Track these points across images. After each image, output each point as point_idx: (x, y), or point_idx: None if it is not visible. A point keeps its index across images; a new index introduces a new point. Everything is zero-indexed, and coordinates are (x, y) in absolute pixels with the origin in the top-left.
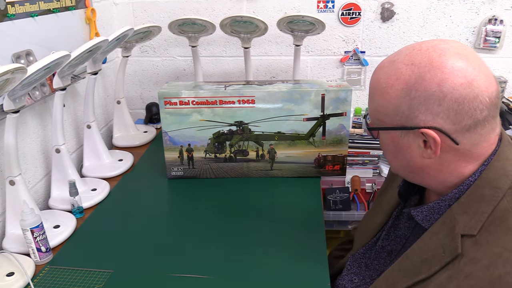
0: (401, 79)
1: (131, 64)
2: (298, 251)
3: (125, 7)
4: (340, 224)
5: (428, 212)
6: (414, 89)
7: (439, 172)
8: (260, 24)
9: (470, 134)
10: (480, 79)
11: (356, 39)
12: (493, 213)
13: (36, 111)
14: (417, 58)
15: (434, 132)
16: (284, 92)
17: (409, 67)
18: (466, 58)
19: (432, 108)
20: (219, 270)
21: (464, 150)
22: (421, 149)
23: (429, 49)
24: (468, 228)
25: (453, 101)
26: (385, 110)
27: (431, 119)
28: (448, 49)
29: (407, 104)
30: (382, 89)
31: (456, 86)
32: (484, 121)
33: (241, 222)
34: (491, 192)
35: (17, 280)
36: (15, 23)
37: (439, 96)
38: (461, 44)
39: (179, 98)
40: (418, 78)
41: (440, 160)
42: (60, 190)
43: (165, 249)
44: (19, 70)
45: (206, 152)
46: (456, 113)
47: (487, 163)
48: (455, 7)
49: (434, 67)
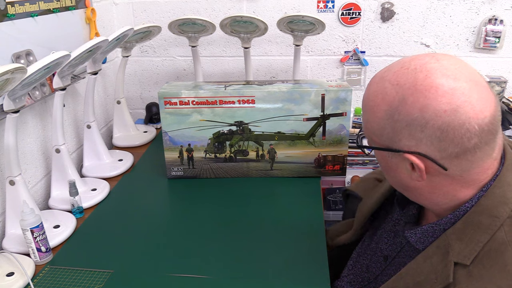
0: (386, 99)
1: (131, 64)
2: (298, 251)
3: (125, 7)
4: None
5: (422, 234)
6: (397, 112)
7: (432, 194)
8: (260, 24)
9: (459, 161)
10: (468, 105)
11: (356, 39)
12: (489, 243)
13: (36, 111)
14: (403, 78)
15: (417, 158)
16: (284, 92)
17: (394, 87)
18: (456, 79)
19: (414, 134)
20: (219, 270)
21: (455, 175)
22: (409, 171)
23: (416, 69)
24: (462, 256)
25: (435, 128)
26: (372, 129)
27: (414, 145)
28: (436, 70)
29: (391, 126)
30: (369, 107)
31: (439, 113)
32: (474, 149)
33: (241, 222)
34: (488, 221)
35: (17, 280)
36: (15, 23)
37: (421, 122)
38: (455, 61)
39: (179, 98)
40: (401, 100)
41: (431, 183)
42: (60, 190)
43: (165, 249)
44: (19, 70)
45: (206, 152)
46: (440, 140)
47: (486, 189)
48: (455, 7)
49: (417, 90)
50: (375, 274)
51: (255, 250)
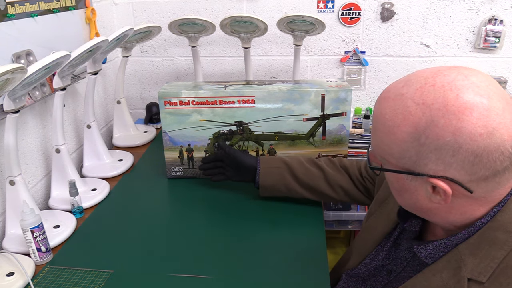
0: (409, 120)
1: (131, 64)
2: (298, 251)
3: (125, 7)
4: (340, 224)
5: (433, 250)
6: (424, 135)
7: (448, 214)
8: (260, 24)
9: (486, 184)
10: (503, 127)
11: (356, 39)
12: (505, 260)
13: (36, 111)
14: (430, 97)
15: (445, 183)
16: (284, 92)
17: (419, 107)
18: (489, 99)
19: (444, 158)
20: (219, 270)
21: (478, 197)
22: (429, 193)
23: (444, 87)
24: (476, 273)
25: (469, 153)
26: (390, 151)
27: (442, 169)
28: (468, 88)
29: (416, 150)
30: (387, 127)
31: (474, 137)
32: (503, 171)
33: (241, 222)
34: (504, 236)
35: (17, 280)
36: (15, 23)
37: (453, 147)
38: (484, 77)
39: (179, 98)
40: (430, 123)
41: (451, 204)
42: (60, 190)
43: (165, 249)
44: (19, 70)
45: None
46: (473, 165)
47: (502, 204)
48: (455, 7)
49: (449, 112)
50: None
51: (255, 250)
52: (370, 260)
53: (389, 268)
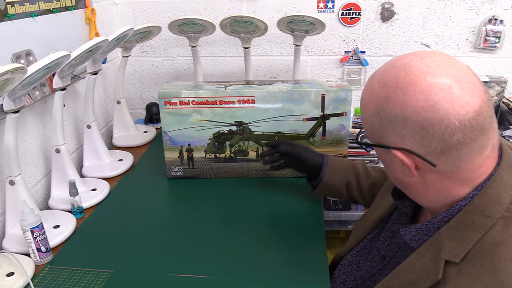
0: (373, 97)
1: (131, 64)
2: (298, 251)
3: (125, 7)
4: (340, 224)
5: (416, 232)
6: (382, 110)
7: (426, 191)
8: (260, 24)
9: (445, 157)
10: (446, 101)
11: (356, 39)
12: (480, 242)
13: (36, 111)
14: (388, 77)
15: (403, 154)
16: (284, 92)
17: (380, 85)
18: (435, 76)
19: (398, 130)
20: (219, 270)
21: (446, 172)
22: (401, 167)
23: (400, 67)
24: (453, 254)
25: (416, 125)
26: (366, 126)
27: (399, 141)
28: (417, 67)
29: (378, 124)
30: (362, 106)
31: (417, 109)
32: (458, 145)
33: (241, 222)
34: (480, 220)
35: (17, 280)
36: (15, 23)
37: (402, 119)
38: (440, 58)
39: (179, 98)
40: (385, 98)
41: (424, 179)
42: (60, 190)
43: (165, 249)
44: (19, 70)
45: (206, 152)
46: (422, 136)
47: (480, 188)
48: (455, 7)
49: (398, 88)
50: (370, 273)
51: (255, 250)
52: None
53: (383, 253)
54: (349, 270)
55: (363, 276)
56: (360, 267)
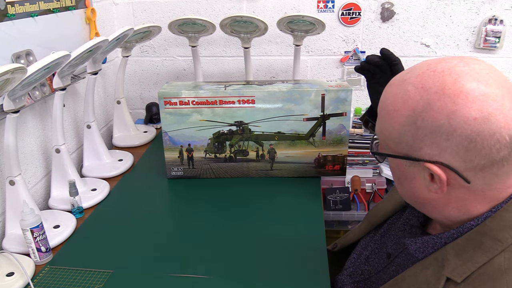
0: (408, 103)
1: (131, 64)
2: (298, 251)
3: (125, 7)
4: (340, 224)
5: (421, 244)
6: (420, 118)
7: (446, 207)
8: (260, 24)
9: (483, 174)
10: (500, 113)
11: (356, 39)
12: (485, 266)
13: (36, 111)
14: (429, 81)
15: (440, 168)
16: (284, 92)
17: (418, 90)
18: (487, 85)
19: (439, 142)
20: (219, 270)
21: (476, 189)
22: (427, 182)
23: (444, 72)
24: (455, 273)
25: (463, 137)
26: (390, 135)
27: (437, 154)
28: (467, 73)
29: (412, 133)
30: (388, 112)
31: (468, 120)
32: (501, 161)
33: (241, 222)
34: (490, 243)
35: (17, 280)
36: (15, 23)
37: (447, 130)
38: (486, 66)
39: (179, 98)
40: (426, 105)
41: (448, 196)
42: (60, 190)
43: (165, 249)
44: (19, 70)
45: (206, 152)
46: (467, 150)
47: (495, 210)
48: (455, 7)
49: (445, 94)
50: (376, 269)
51: (255, 250)
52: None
53: (390, 251)
54: (358, 263)
55: (370, 272)
56: (368, 261)
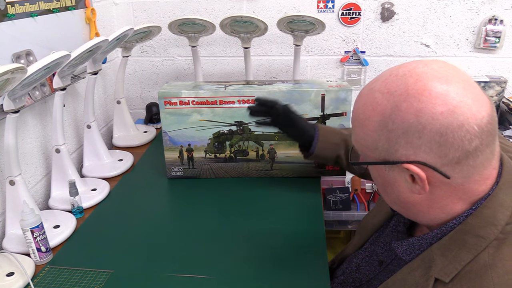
0: (377, 109)
1: (131, 64)
2: (298, 251)
3: (125, 7)
4: (340, 224)
5: (408, 246)
6: (391, 121)
7: (430, 209)
8: (260, 24)
9: (461, 167)
10: (464, 105)
11: (356, 39)
12: (471, 263)
13: (36, 111)
14: (393, 85)
15: (418, 167)
16: (284, 92)
17: (384, 95)
18: (447, 81)
19: (412, 141)
20: (219, 270)
21: (457, 184)
22: (409, 184)
23: (405, 74)
24: (443, 273)
25: (434, 133)
26: (365, 143)
27: (413, 153)
28: (426, 73)
29: (386, 137)
30: (360, 121)
31: (435, 115)
32: (475, 152)
33: (241, 222)
34: (473, 241)
35: (17, 280)
36: (15, 23)
37: (418, 128)
38: (444, 64)
39: (179, 98)
40: (394, 108)
41: (432, 195)
42: (60, 190)
43: (165, 249)
44: (19, 70)
45: (206, 152)
46: (440, 145)
47: (475, 207)
48: (455, 7)
49: (410, 95)
50: (368, 277)
51: (255, 250)
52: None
53: (381, 258)
54: (349, 272)
55: (361, 279)
56: (359, 269)
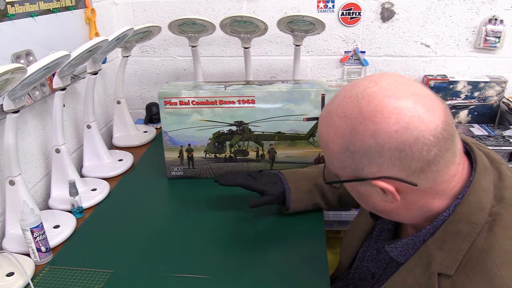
0: (338, 133)
1: (131, 64)
2: (298, 251)
3: (125, 7)
4: (340, 224)
5: (402, 248)
6: (351, 144)
7: (408, 211)
8: (260, 24)
9: (426, 175)
10: (417, 119)
11: (356, 39)
12: (470, 251)
13: (36, 111)
14: (348, 109)
15: (384, 182)
16: (284, 92)
17: (342, 119)
18: (397, 98)
19: (374, 160)
20: (219, 270)
21: (426, 188)
22: (382, 195)
23: (358, 96)
24: (445, 266)
25: (393, 150)
26: (334, 164)
27: (378, 170)
28: (377, 93)
29: (350, 158)
30: (325, 144)
31: (391, 134)
32: (436, 159)
33: (241, 222)
34: (466, 228)
35: (17, 280)
36: (15, 23)
37: (377, 148)
38: (394, 79)
39: (179, 98)
40: (352, 131)
41: (405, 201)
42: (60, 190)
43: (165, 249)
44: (19, 70)
45: (206, 152)
46: (401, 160)
47: (461, 197)
48: (455, 7)
49: (364, 117)
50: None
51: (254, 250)
52: (359, 262)
53: (373, 271)
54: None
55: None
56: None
